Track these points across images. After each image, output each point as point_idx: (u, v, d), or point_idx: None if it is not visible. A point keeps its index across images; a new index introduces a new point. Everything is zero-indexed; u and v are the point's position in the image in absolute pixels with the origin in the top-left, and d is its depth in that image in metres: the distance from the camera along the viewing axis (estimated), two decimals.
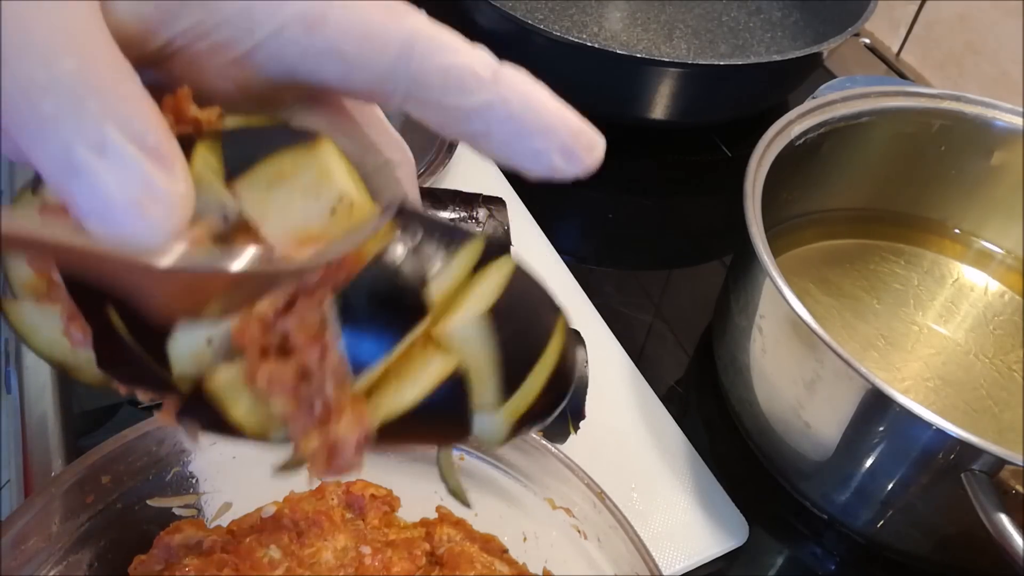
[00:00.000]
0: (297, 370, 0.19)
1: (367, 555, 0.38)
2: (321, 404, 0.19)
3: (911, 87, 0.61)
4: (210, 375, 0.19)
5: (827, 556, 0.51)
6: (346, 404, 0.19)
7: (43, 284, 0.22)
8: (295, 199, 0.19)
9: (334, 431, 0.19)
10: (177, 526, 0.39)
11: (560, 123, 0.21)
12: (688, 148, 0.78)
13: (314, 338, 0.19)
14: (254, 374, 0.19)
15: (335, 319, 0.18)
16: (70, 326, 0.21)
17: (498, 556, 0.41)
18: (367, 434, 0.20)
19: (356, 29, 0.19)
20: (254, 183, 0.19)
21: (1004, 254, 0.65)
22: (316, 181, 0.19)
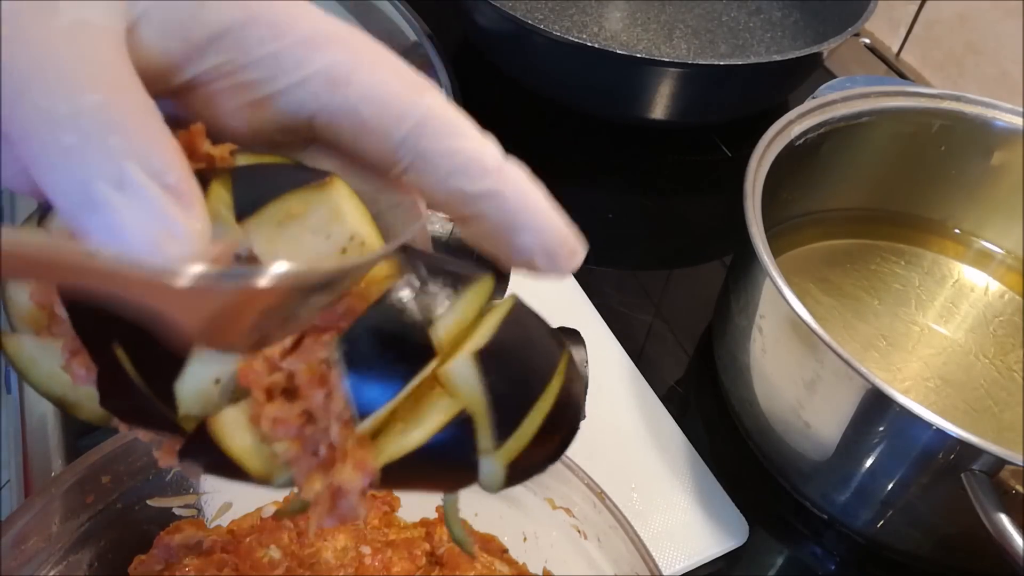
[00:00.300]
0: (302, 412, 0.19)
1: (367, 555, 0.38)
2: (326, 448, 0.19)
3: (911, 87, 0.61)
4: (215, 415, 0.19)
5: (827, 556, 0.51)
6: (351, 448, 0.19)
7: (43, 317, 0.21)
8: (305, 238, 0.19)
9: (338, 476, 0.19)
10: (177, 526, 0.39)
11: (550, 226, 0.22)
12: (688, 148, 0.78)
13: (320, 380, 0.19)
14: (259, 415, 0.19)
15: (341, 360, 0.18)
16: (72, 361, 0.20)
17: (498, 556, 0.41)
18: (372, 480, 0.19)
19: (377, 96, 0.20)
20: (265, 221, 0.19)
21: (1004, 254, 0.65)
22: (327, 221, 0.19)
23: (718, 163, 0.77)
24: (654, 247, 0.70)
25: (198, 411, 0.19)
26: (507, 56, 0.75)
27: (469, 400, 0.19)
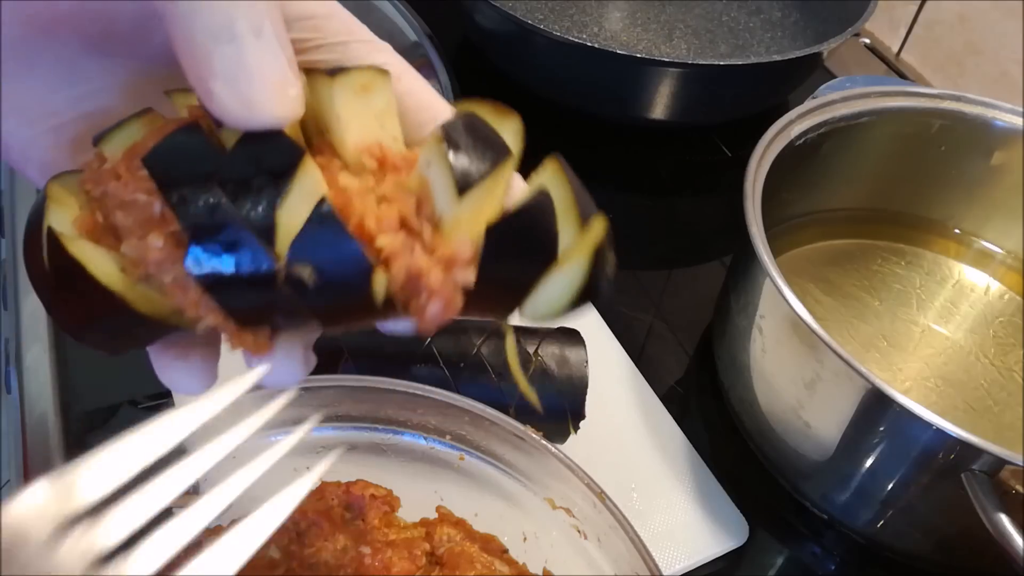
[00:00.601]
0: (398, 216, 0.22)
1: (367, 555, 0.38)
2: (429, 229, 0.22)
3: (911, 87, 0.61)
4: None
5: (827, 556, 0.51)
6: (451, 226, 0.22)
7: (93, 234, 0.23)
8: (370, 119, 0.23)
9: (446, 248, 0.22)
10: None
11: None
12: (688, 148, 0.78)
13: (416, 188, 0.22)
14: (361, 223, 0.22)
15: (445, 145, 0.22)
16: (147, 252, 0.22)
17: (498, 556, 0.41)
18: (476, 247, 0.22)
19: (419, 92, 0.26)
20: (347, 85, 0.22)
21: (1004, 254, 0.65)
22: (383, 111, 0.24)
23: (718, 163, 0.77)
24: (654, 247, 0.70)
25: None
26: (507, 56, 0.75)
27: (551, 186, 0.23)
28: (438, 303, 0.22)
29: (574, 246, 0.23)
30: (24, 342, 0.54)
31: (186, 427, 0.26)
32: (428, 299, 0.22)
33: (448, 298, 0.22)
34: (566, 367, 0.48)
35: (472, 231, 0.22)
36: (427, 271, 0.21)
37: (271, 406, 0.28)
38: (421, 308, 0.22)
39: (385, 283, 0.22)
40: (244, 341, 0.23)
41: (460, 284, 0.22)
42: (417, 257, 0.21)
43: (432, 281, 0.21)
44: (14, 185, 0.63)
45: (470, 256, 0.22)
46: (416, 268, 0.21)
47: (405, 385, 0.40)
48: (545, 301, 0.24)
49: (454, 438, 0.41)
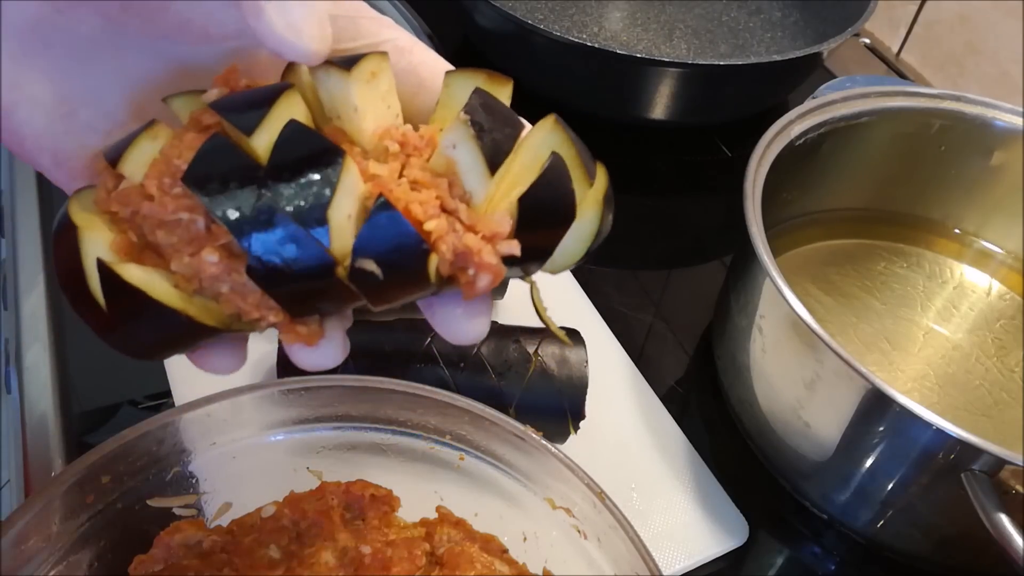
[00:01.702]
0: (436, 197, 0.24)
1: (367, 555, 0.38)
2: (464, 207, 0.24)
3: (911, 87, 0.61)
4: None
5: (827, 556, 0.51)
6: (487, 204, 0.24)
7: (126, 243, 0.24)
8: (378, 103, 0.25)
9: (487, 224, 0.24)
10: (177, 526, 0.39)
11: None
12: (688, 148, 0.78)
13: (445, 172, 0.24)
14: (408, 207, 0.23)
15: (471, 132, 0.23)
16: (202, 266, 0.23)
17: (498, 556, 0.41)
18: (513, 217, 0.24)
19: (432, 63, 0.27)
20: (359, 77, 0.24)
21: (1004, 254, 0.65)
22: (386, 92, 0.25)
23: (718, 163, 0.77)
24: (654, 247, 0.70)
25: (340, 245, 0.23)
26: (507, 56, 0.75)
27: (559, 148, 0.25)
28: (487, 276, 0.23)
29: (585, 199, 0.25)
30: (24, 342, 0.54)
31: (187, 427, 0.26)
32: (477, 272, 0.23)
33: (495, 270, 0.23)
34: (566, 367, 0.48)
35: (505, 204, 0.24)
36: (477, 250, 0.23)
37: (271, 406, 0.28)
38: (471, 281, 0.24)
39: (437, 263, 0.23)
40: (299, 334, 0.25)
41: (505, 255, 0.24)
42: (463, 236, 0.23)
43: (483, 257, 0.23)
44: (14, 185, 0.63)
45: (510, 229, 0.24)
46: (465, 247, 0.23)
47: (405, 385, 0.40)
48: (563, 254, 0.26)
49: (454, 438, 0.41)
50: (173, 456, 0.39)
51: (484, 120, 0.24)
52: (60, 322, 0.56)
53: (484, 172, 0.24)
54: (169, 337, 0.24)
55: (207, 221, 0.23)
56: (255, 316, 0.24)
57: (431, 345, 0.49)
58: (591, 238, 0.26)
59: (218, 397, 0.39)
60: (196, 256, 0.23)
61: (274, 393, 0.40)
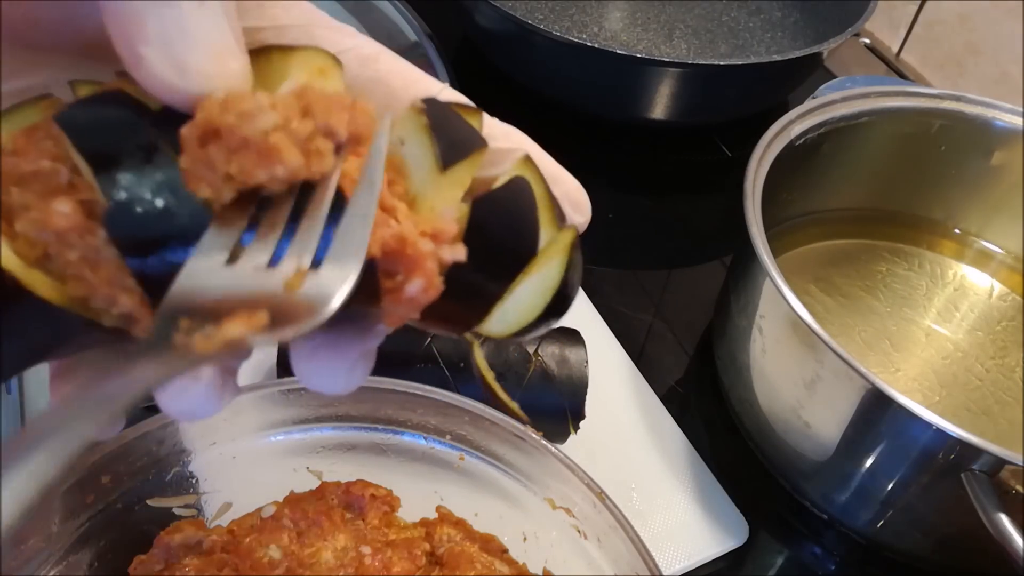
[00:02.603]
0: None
1: (367, 555, 0.38)
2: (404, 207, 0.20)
3: (911, 87, 0.61)
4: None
5: (827, 556, 0.51)
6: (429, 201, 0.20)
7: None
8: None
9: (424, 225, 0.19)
10: (177, 526, 0.39)
11: (566, 176, 0.24)
12: (688, 148, 0.78)
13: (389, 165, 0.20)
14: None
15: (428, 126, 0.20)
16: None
17: (498, 556, 0.41)
18: (460, 223, 0.20)
19: (403, 71, 0.23)
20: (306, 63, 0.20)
21: (1004, 254, 0.65)
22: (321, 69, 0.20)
23: (718, 163, 0.77)
24: (654, 247, 0.70)
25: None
26: (507, 56, 0.75)
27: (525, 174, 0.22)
28: (418, 281, 0.19)
29: (551, 244, 0.22)
30: None
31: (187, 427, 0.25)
32: (407, 275, 0.19)
33: (430, 277, 0.19)
34: (566, 367, 0.48)
35: (453, 208, 0.20)
36: (411, 241, 0.19)
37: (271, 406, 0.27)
38: (397, 288, 0.19)
39: None
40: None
41: (447, 261, 0.19)
42: (396, 227, 0.19)
43: (419, 250, 0.19)
44: None
45: (456, 233, 0.20)
46: (397, 237, 0.19)
47: (405, 385, 0.40)
48: (516, 307, 0.22)
49: (454, 438, 0.41)
50: (173, 456, 0.39)
51: (440, 120, 0.20)
52: None
53: (433, 168, 0.20)
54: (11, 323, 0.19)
55: (72, 174, 0.19)
56: (104, 294, 0.18)
57: (431, 345, 0.49)
58: (551, 293, 0.21)
59: None
60: (45, 208, 0.18)
61: (274, 393, 0.40)
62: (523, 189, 0.21)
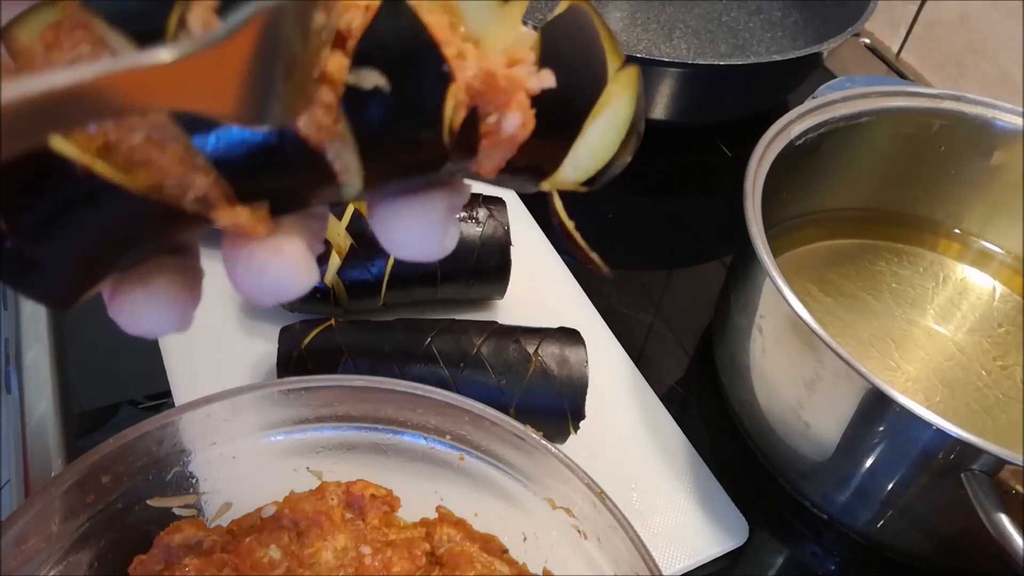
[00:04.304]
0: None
1: (367, 555, 0.38)
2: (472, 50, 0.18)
3: (911, 87, 0.61)
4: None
5: (827, 556, 0.51)
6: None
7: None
8: None
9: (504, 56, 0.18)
10: (177, 526, 0.39)
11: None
12: (688, 148, 0.78)
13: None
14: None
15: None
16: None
17: (498, 556, 0.41)
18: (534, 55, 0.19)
19: None
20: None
21: (1004, 254, 0.65)
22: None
23: (718, 163, 0.77)
24: (654, 247, 0.70)
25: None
26: None
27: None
28: (515, 116, 0.18)
29: (617, 77, 0.21)
30: (24, 342, 0.54)
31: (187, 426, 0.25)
32: (503, 112, 0.18)
33: (524, 108, 0.18)
34: (566, 367, 0.48)
35: (524, 40, 0.19)
36: (503, 72, 0.18)
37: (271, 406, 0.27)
38: (495, 129, 0.18)
39: (455, 102, 0.18)
40: (240, 216, 0.18)
41: (535, 90, 0.18)
42: (484, 62, 0.18)
43: (512, 80, 0.18)
44: None
45: (535, 59, 0.19)
46: (487, 73, 0.18)
47: (405, 385, 0.40)
48: (590, 148, 0.20)
49: (454, 438, 0.41)
50: (173, 456, 0.39)
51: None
52: (60, 322, 0.56)
53: (494, 3, 0.18)
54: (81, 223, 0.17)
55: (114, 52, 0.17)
56: (177, 174, 0.17)
57: (431, 345, 0.49)
58: (624, 129, 0.21)
59: (218, 397, 0.39)
60: None
61: (274, 393, 0.40)
62: (585, 15, 0.20)
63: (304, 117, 0.17)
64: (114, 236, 0.18)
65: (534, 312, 0.58)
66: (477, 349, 0.48)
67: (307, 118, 0.17)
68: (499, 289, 0.56)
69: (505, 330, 0.50)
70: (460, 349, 0.48)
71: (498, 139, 0.18)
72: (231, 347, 0.53)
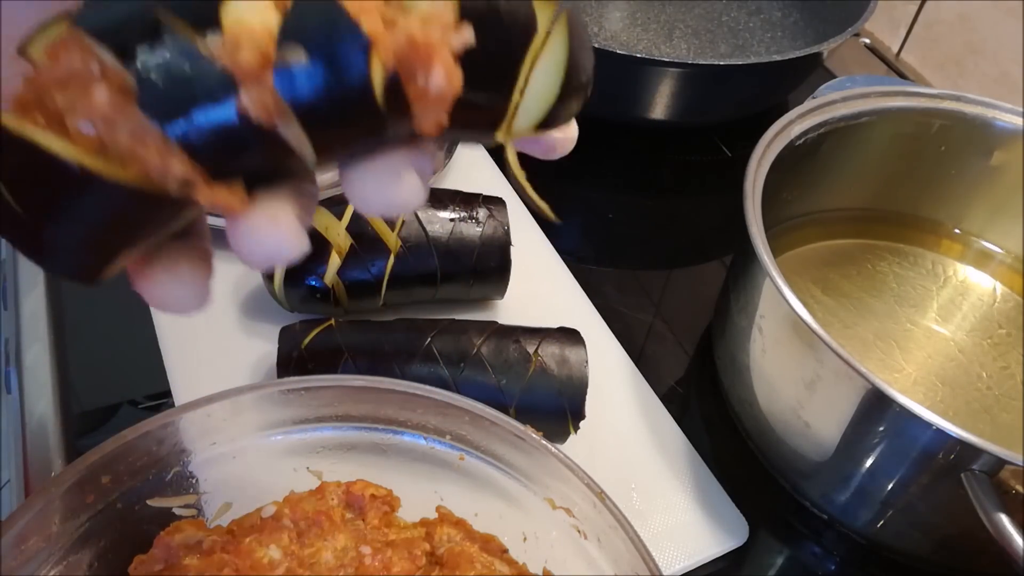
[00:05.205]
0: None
1: (367, 555, 0.38)
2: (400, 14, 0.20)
3: (911, 87, 0.61)
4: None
5: (827, 556, 0.51)
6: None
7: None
8: None
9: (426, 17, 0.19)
10: (177, 526, 0.39)
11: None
12: (688, 148, 0.78)
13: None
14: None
15: None
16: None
17: (498, 556, 0.41)
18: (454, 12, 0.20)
19: None
20: None
21: (1004, 254, 0.65)
22: None
23: (718, 163, 0.77)
24: (654, 247, 0.70)
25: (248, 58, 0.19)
26: None
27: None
28: (439, 72, 0.19)
29: (548, 23, 0.22)
30: (24, 342, 0.55)
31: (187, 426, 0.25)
32: (428, 71, 0.19)
33: (447, 65, 0.19)
34: (566, 367, 0.48)
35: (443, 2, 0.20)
36: (421, 35, 0.19)
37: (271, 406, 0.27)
38: (423, 92, 0.20)
39: (382, 68, 0.19)
40: (218, 196, 0.20)
41: (458, 48, 0.20)
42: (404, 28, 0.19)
43: (430, 40, 0.19)
44: None
45: (454, 18, 0.20)
46: (408, 37, 0.19)
47: (405, 385, 0.40)
48: (534, 95, 0.22)
49: (454, 438, 0.41)
50: (173, 456, 0.39)
51: None
52: (60, 322, 0.56)
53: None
54: (72, 210, 0.20)
55: (101, 66, 0.20)
56: (156, 164, 0.20)
57: (431, 345, 0.49)
58: (562, 68, 0.22)
59: (218, 397, 0.39)
60: (86, 98, 0.20)
61: (274, 393, 0.40)
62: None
63: (246, 98, 0.19)
64: (116, 219, 0.21)
65: (534, 312, 0.58)
66: (477, 349, 0.48)
67: (249, 99, 0.19)
68: (499, 289, 0.56)
69: (505, 330, 0.50)
70: (460, 349, 0.48)
71: (429, 98, 0.20)
72: (231, 347, 0.53)
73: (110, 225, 0.21)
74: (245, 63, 0.19)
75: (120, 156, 0.20)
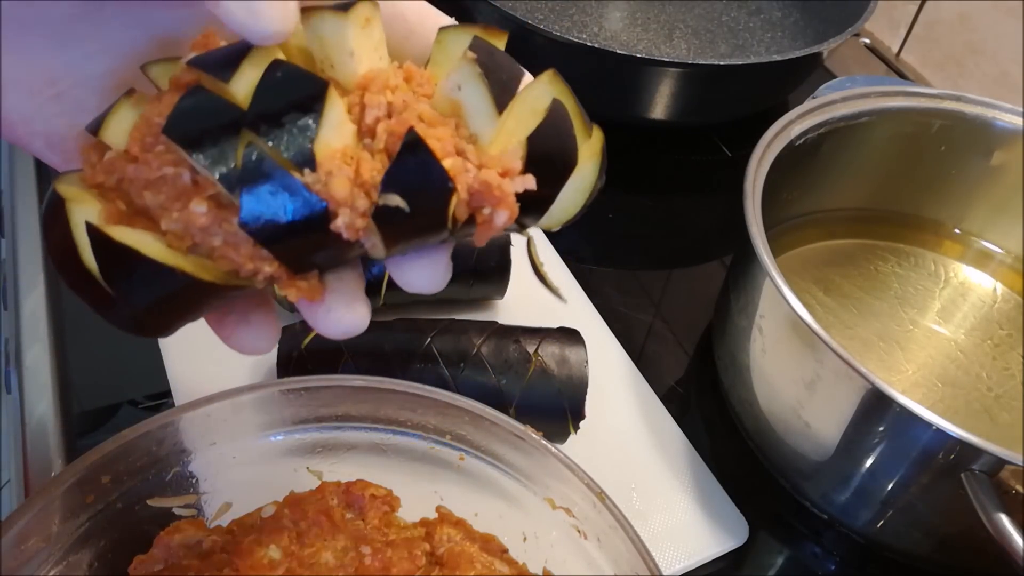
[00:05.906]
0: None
1: (367, 555, 0.38)
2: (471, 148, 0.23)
3: (911, 87, 0.61)
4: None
5: (827, 556, 0.51)
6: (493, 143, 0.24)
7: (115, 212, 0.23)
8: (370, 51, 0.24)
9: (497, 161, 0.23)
10: (177, 526, 0.39)
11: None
12: (688, 148, 0.78)
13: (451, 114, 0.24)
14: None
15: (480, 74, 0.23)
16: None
17: (498, 556, 0.41)
18: (521, 156, 0.23)
19: (419, 8, 0.27)
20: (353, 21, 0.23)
21: (1004, 254, 0.65)
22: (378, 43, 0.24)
23: (718, 163, 0.77)
24: (654, 247, 0.70)
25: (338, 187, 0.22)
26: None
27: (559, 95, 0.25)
28: (503, 212, 0.23)
29: (584, 150, 0.25)
30: (24, 342, 0.54)
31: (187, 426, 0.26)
32: (494, 209, 0.23)
33: (511, 207, 0.23)
34: (566, 367, 0.48)
35: (513, 143, 0.24)
36: (496, 184, 0.23)
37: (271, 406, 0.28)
38: (487, 220, 0.23)
39: (457, 201, 0.23)
40: (299, 288, 0.24)
41: (520, 192, 0.23)
42: (479, 173, 0.23)
43: (504, 191, 0.23)
44: (14, 185, 0.63)
45: (521, 167, 0.23)
46: (483, 183, 0.23)
47: (405, 385, 0.40)
48: (562, 206, 0.26)
49: (454, 438, 0.41)
50: (173, 456, 0.39)
51: (488, 62, 0.24)
52: (60, 322, 0.56)
53: (491, 112, 0.23)
54: (169, 299, 0.23)
55: (192, 174, 0.22)
56: (250, 268, 0.23)
57: (431, 345, 0.49)
58: (589, 191, 0.26)
59: (218, 397, 0.39)
60: (184, 209, 0.22)
61: (274, 393, 0.40)
62: (561, 114, 0.25)
63: (341, 220, 0.22)
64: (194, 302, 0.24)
65: (534, 312, 0.58)
66: (477, 349, 0.48)
67: (344, 221, 0.22)
68: (499, 289, 0.56)
69: (505, 330, 0.50)
70: (460, 349, 0.48)
71: (490, 226, 0.24)
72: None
73: (188, 305, 0.24)
74: (339, 193, 0.22)
75: (209, 255, 0.23)
